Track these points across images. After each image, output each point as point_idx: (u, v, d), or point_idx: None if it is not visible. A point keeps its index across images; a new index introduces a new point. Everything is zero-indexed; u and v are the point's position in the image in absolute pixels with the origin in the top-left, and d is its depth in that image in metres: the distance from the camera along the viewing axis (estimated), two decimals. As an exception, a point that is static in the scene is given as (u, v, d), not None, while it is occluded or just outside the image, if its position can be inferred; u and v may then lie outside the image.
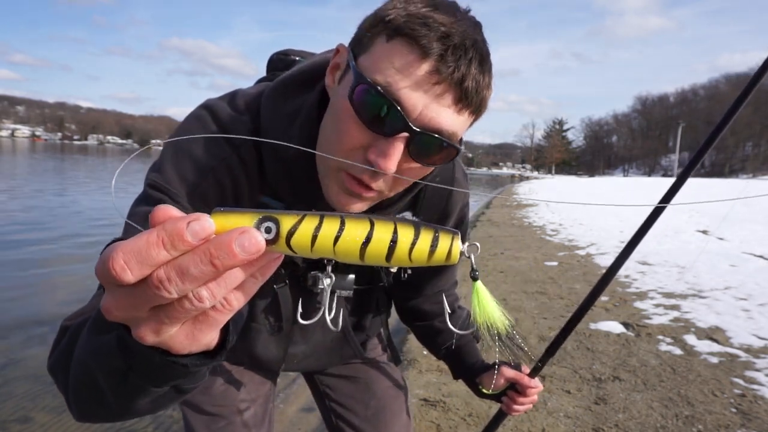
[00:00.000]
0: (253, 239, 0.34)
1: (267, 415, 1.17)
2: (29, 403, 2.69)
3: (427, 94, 0.63)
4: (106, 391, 0.49)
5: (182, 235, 0.33)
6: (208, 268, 0.33)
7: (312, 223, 0.36)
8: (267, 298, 0.98)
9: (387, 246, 0.37)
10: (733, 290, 4.71)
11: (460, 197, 0.99)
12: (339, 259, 0.38)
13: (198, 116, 0.80)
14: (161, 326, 0.37)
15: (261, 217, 0.36)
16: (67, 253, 6.18)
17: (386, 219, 0.38)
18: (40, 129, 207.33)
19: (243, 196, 0.80)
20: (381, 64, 0.63)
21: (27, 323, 3.83)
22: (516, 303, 4.39)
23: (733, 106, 0.91)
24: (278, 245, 0.36)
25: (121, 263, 0.33)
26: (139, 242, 0.33)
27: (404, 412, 1.25)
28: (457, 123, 0.66)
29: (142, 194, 0.76)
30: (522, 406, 1.12)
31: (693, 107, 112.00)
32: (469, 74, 0.63)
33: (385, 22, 0.64)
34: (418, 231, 0.38)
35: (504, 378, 1.11)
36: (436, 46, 0.61)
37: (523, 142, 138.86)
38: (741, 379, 2.85)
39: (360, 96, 0.64)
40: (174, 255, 0.33)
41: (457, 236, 0.39)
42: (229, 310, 0.38)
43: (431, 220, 0.99)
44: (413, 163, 0.68)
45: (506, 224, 10.51)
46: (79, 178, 18.69)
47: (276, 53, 1.04)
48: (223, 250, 0.33)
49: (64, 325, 0.63)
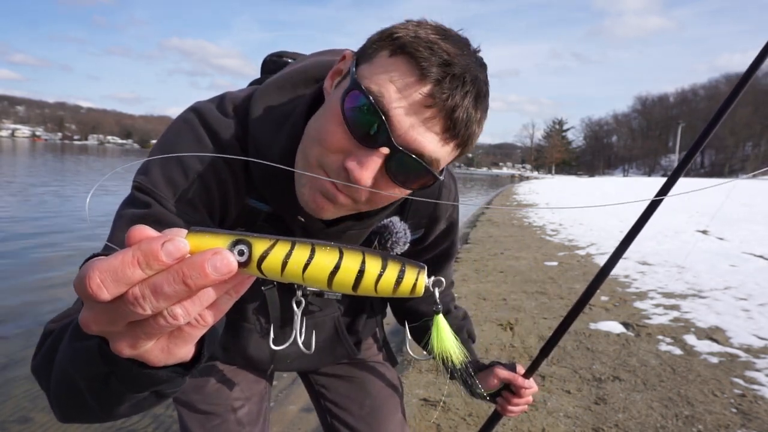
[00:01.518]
0: (225, 260, 0.35)
1: (262, 413, 1.17)
2: (29, 403, 2.69)
3: (417, 116, 0.63)
4: (87, 395, 0.49)
5: (157, 254, 0.34)
6: (181, 287, 0.34)
7: (283, 249, 0.37)
8: (257, 299, 0.98)
9: (354, 276, 0.38)
10: (733, 290, 4.71)
11: (450, 201, 0.99)
12: (307, 285, 0.39)
13: (186, 119, 0.80)
14: (137, 341, 0.38)
15: (234, 240, 0.37)
16: (68, 253, 6.18)
17: (355, 249, 0.39)
18: (40, 129, 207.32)
19: (229, 198, 0.80)
20: (379, 76, 0.64)
21: (27, 323, 3.84)
22: (516, 303, 4.39)
23: (727, 99, 0.90)
24: (250, 268, 0.37)
25: (97, 281, 0.34)
26: (115, 261, 0.34)
27: (399, 411, 1.25)
28: (440, 151, 0.66)
29: (129, 197, 0.76)
30: (516, 407, 1.12)
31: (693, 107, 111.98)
32: (462, 105, 0.63)
33: (393, 38, 0.65)
34: (385, 263, 0.39)
35: (498, 378, 1.10)
36: (436, 72, 0.61)
37: (523, 142, 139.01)
38: (741, 379, 2.85)
39: (351, 101, 0.64)
40: (149, 274, 0.34)
41: (423, 271, 0.40)
42: (203, 326, 0.39)
43: (420, 224, 0.98)
44: (390, 183, 0.68)
45: (506, 224, 10.51)
46: (80, 179, 18.68)
47: (270, 55, 1.04)
48: (196, 270, 0.34)
49: (49, 327, 0.63)
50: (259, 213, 0.83)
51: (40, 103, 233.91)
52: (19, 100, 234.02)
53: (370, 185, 0.66)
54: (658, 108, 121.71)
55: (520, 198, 20.01)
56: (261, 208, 0.83)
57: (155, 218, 0.72)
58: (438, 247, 1.06)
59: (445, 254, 1.09)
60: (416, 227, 0.97)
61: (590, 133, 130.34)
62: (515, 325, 3.79)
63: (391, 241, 0.90)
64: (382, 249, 0.91)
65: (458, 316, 1.21)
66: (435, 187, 0.95)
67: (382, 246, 0.91)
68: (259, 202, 0.82)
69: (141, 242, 0.35)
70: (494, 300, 4.50)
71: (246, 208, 0.83)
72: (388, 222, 0.89)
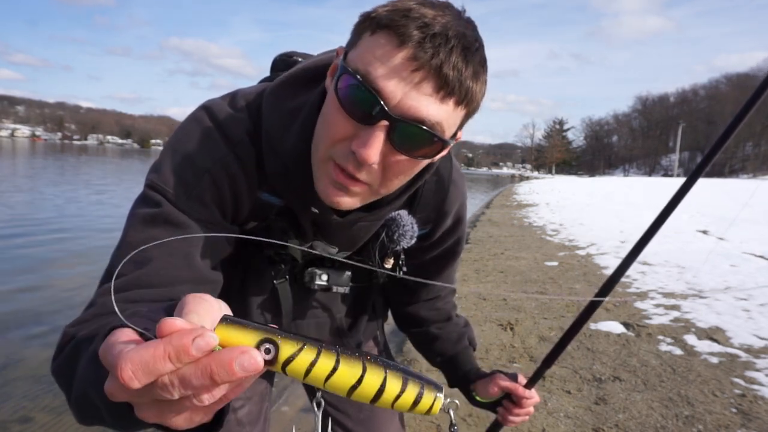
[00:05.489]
0: (253, 360, 0.36)
1: (262, 413, 1.17)
2: (29, 403, 2.69)
3: (406, 82, 0.62)
4: (107, 416, 0.51)
5: (188, 350, 0.36)
6: (208, 381, 0.36)
7: (309, 355, 0.39)
8: (264, 294, 0.98)
9: (374, 393, 0.40)
10: (733, 290, 4.71)
11: (457, 197, 0.99)
12: (327, 390, 0.40)
13: (196, 117, 0.80)
14: (162, 413, 0.40)
15: (262, 339, 0.39)
16: (68, 254, 6.18)
17: (378, 364, 0.40)
18: (40, 129, 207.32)
19: (241, 194, 0.81)
20: (364, 56, 0.64)
21: (27, 323, 3.84)
22: (516, 303, 4.39)
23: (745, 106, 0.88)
24: (274, 366, 0.39)
25: (129, 373, 0.36)
26: (146, 354, 0.36)
27: (397, 416, 1.25)
28: (441, 112, 0.65)
29: (142, 195, 0.77)
30: (517, 417, 1.10)
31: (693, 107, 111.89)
32: (448, 61, 0.62)
33: (370, 18, 0.65)
34: (405, 384, 0.41)
35: (498, 387, 1.07)
36: (415, 34, 0.61)
37: (524, 142, 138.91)
38: (741, 379, 2.85)
39: (343, 86, 0.65)
40: (179, 366, 0.36)
41: (440, 395, 0.42)
42: (225, 401, 0.41)
43: (428, 219, 0.98)
44: (399, 155, 0.68)
45: (506, 224, 10.51)
46: (82, 178, 18.69)
47: (280, 55, 1.05)
48: (224, 368, 0.36)
49: (67, 331, 0.64)
50: (272, 207, 0.84)
51: (40, 103, 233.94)
52: (19, 99, 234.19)
53: (377, 161, 0.66)
54: (658, 108, 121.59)
55: (521, 198, 20.01)
56: (273, 202, 0.84)
57: (165, 218, 0.73)
58: (444, 244, 1.05)
59: (450, 252, 1.08)
60: (424, 222, 0.97)
61: (591, 133, 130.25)
62: (515, 325, 3.79)
63: (398, 233, 0.90)
64: (389, 241, 0.91)
65: (459, 324, 1.20)
66: (444, 183, 0.95)
67: (389, 238, 0.91)
68: (272, 196, 0.83)
69: (172, 336, 0.36)
70: (494, 300, 4.50)
71: (258, 202, 0.83)
72: (395, 215, 0.90)
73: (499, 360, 3.16)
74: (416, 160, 0.70)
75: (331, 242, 0.90)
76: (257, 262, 0.93)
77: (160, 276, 0.69)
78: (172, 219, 0.73)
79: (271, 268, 0.93)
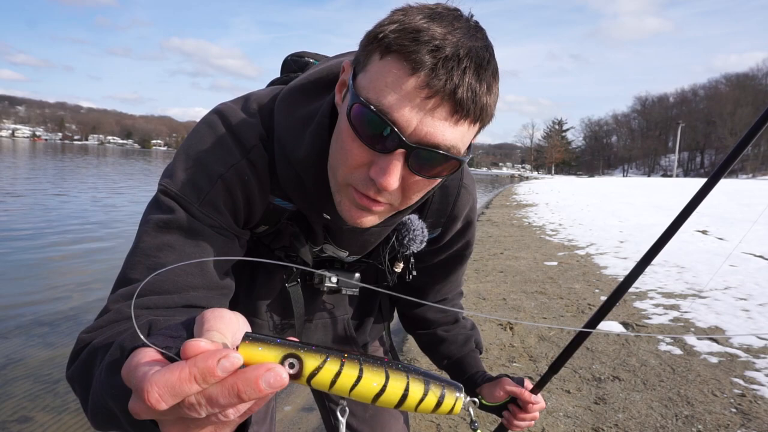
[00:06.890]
0: (279, 376, 0.37)
1: (269, 413, 1.17)
2: (29, 403, 2.69)
3: (420, 109, 0.62)
4: (125, 424, 0.51)
5: (213, 371, 0.36)
6: (235, 400, 0.37)
7: (333, 367, 0.40)
8: (272, 295, 0.99)
9: (398, 399, 0.41)
10: (733, 290, 4.71)
11: (467, 201, 0.99)
12: (353, 399, 0.41)
13: (209, 121, 0.80)
14: (188, 429, 0.41)
15: (285, 354, 0.39)
16: (68, 254, 6.18)
17: (400, 371, 0.41)
18: (40, 129, 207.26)
19: (253, 199, 0.81)
20: (375, 82, 0.64)
21: (27, 323, 3.83)
22: (516, 303, 4.39)
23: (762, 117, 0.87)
24: (299, 380, 0.40)
25: (156, 396, 0.36)
26: (172, 377, 0.36)
27: (402, 416, 1.26)
28: (456, 135, 0.65)
29: (154, 200, 0.77)
30: (522, 422, 1.10)
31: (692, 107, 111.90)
32: (462, 84, 0.62)
33: (379, 39, 0.64)
34: (427, 387, 0.42)
35: (505, 391, 1.08)
36: (427, 60, 0.61)
37: (523, 142, 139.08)
38: (741, 379, 2.86)
39: (356, 115, 0.65)
40: (204, 387, 0.37)
41: (461, 394, 0.43)
42: (249, 414, 0.41)
43: (438, 224, 0.99)
44: (417, 177, 0.68)
45: (506, 224, 10.51)
46: (82, 179, 18.68)
47: (290, 55, 1.05)
48: (251, 386, 0.36)
49: (82, 337, 0.65)
50: (284, 211, 0.85)
51: (41, 103, 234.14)
52: (19, 100, 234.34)
53: (397, 186, 0.67)
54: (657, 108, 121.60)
55: (520, 198, 20.01)
56: (286, 207, 0.84)
57: (179, 224, 0.73)
58: (453, 247, 1.06)
59: (458, 256, 1.09)
60: (434, 226, 0.98)
61: (590, 134, 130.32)
62: (515, 325, 3.79)
63: (408, 238, 0.91)
64: (399, 245, 0.92)
65: (466, 326, 1.21)
66: (455, 188, 0.95)
67: (399, 242, 0.92)
68: (284, 201, 0.84)
69: (197, 358, 0.37)
70: (494, 300, 4.50)
71: (270, 207, 0.84)
72: (406, 219, 0.91)
73: (499, 359, 3.17)
74: (434, 179, 0.71)
75: (341, 246, 0.92)
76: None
77: (174, 282, 0.70)
78: (185, 225, 0.73)
79: (282, 270, 0.94)
